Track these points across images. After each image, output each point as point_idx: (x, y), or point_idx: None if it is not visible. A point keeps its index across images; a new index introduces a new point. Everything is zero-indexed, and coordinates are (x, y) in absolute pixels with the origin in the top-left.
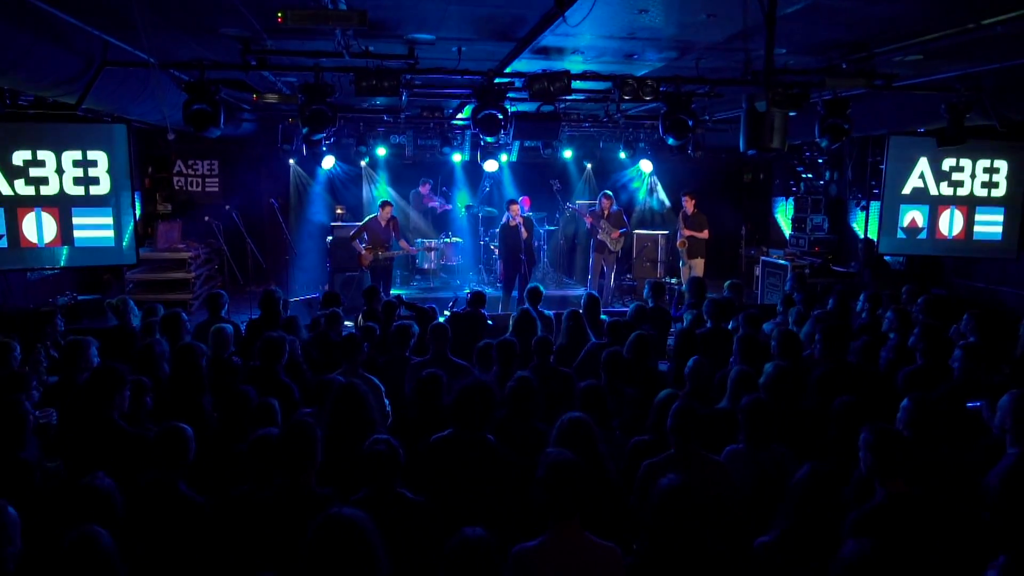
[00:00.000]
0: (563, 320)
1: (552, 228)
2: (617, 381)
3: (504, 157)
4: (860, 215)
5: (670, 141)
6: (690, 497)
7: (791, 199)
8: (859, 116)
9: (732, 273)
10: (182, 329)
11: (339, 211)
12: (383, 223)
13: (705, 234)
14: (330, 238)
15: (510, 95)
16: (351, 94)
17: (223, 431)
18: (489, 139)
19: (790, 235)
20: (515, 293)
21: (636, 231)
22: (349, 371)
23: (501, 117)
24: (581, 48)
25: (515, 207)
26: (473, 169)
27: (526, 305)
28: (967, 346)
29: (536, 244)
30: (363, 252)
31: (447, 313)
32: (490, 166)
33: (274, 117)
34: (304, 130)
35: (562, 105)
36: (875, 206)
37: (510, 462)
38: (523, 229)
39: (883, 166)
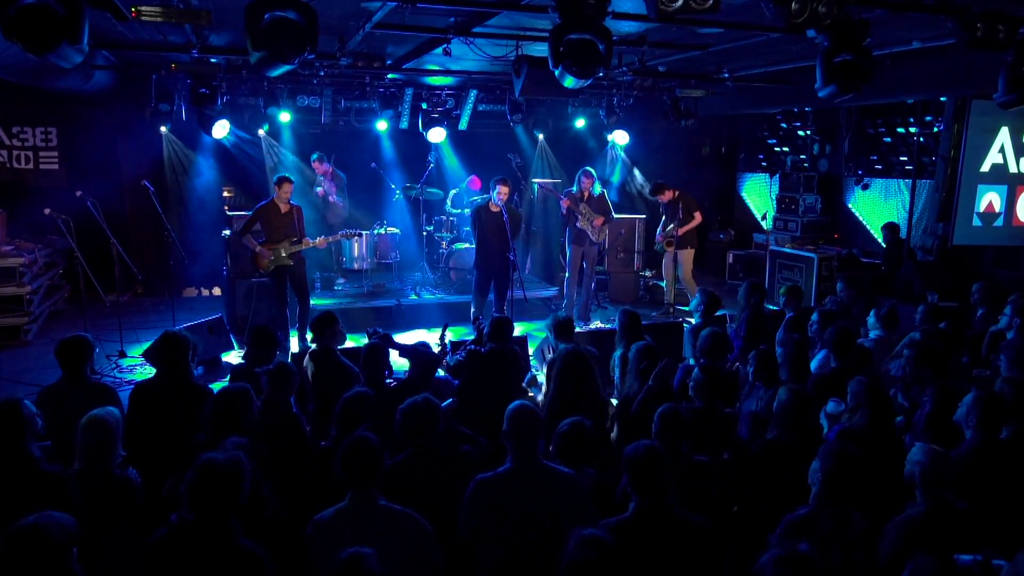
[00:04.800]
0: (633, 360)
1: None
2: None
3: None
4: (860, 194)
5: (823, 93)
6: None
7: (776, 176)
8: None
9: (703, 263)
10: (24, 434)
11: (226, 193)
12: (283, 208)
13: (697, 218)
14: (227, 232)
15: (481, 30)
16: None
17: None
18: (570, 83)
19: (775, 217)
20: (491, 296)
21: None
22: (360, 504)
23: (602, 46)
24: None
25: (504, 188)
26: (406, 140)
27: (571, 345)
28: None
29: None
30: (258, 251)
31: (445, 344)
32: (436, 135)
33: (143, 63)
34: (255, 57)
35: None
36: (878, 184)
37: None
38: (506, 220)
39: (964, 135)
